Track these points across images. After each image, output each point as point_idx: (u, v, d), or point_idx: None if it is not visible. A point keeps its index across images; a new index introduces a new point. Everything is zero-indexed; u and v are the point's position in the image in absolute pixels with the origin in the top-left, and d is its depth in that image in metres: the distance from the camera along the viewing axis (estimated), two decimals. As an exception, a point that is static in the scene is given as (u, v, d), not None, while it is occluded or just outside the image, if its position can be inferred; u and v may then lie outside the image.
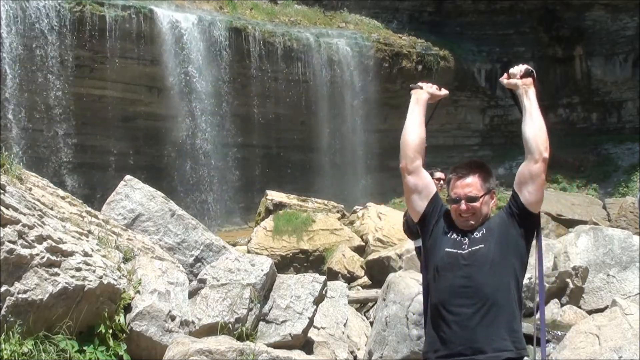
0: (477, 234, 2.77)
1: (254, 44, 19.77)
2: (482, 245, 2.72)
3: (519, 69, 2.83)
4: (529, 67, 2.82)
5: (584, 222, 15.45)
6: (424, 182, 2.92)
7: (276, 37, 20.27)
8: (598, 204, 19.56)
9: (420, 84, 3.06)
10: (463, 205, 2.80)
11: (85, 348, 4.21)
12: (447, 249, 2.77)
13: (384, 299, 6.03)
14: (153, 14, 17.93)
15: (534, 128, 2.69)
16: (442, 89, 3.09)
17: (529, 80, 2.79)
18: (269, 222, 13.15)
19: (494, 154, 23.69)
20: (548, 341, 6.96)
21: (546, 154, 2.67)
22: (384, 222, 13.09)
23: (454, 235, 2.81)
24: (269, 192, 14.69)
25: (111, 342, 4.35)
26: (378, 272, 10.73)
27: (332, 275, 11.06)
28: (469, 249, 2.73)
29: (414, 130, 2.92)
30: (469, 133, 25.27)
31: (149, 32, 17.79)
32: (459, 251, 2.74)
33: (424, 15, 25.33)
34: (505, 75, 2.87)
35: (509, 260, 2.70)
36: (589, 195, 21.28)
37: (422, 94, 3.00)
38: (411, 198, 2.94)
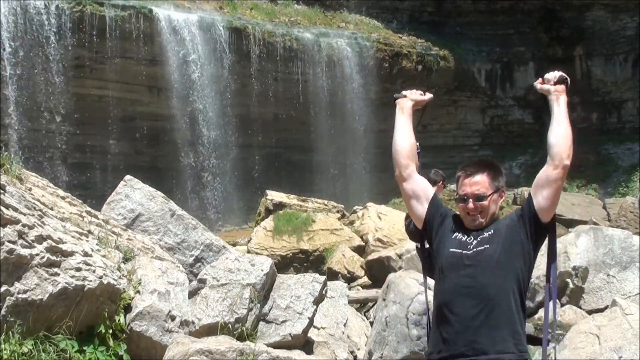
0: (484, 234, 2.76)
1: (254, 44, 19.77)
2: (488, 246, 2.71)
3: (553, 75, 2.83)
4: (563, 75, 2.82)
5: (584, 222, 15.42)
6: (420, 187, 2.93)
7: (276, 37, 20.26)
8: (598, 204, 19.52)
9: (404, 92, 3.06)
10: (470, 204, 2.79)
11: (85, 348, 4.21)
12: (451, 249, 2.77)
13: (384, 299, 6.04)
14: (153, 14, 17.93)
15: (559, 134, 2.71)
16: (427, 93, 3.09)
17: (562, 87, 2.79)
18: (269, 222, 13.14)
19: (494, 154, 23.65)
20: (548, 341, 6.95)
21: (567, 162, 2.67)
22: (384, 222, 13.09)
23: (460, 236, 2.80)
24: (269, 192, 14.68)
25: (111, 342, 4.35)
26: (378, 272, 10.73)
27: (332, 275, 11.06)
28: (475, 249, 2.72)
29: (402, 137, 2.94)
30: (469, 133, 25.24)
31: (149, 32, 17.78)
32: (464, 251, 2.73)
33: (424, 15, 25.31)
34: (540, 79, 2.87)
35: (514, 263, 2.69)
36: (589, 195, 21.25)
37: (406, 103, 3.02)
38: (410, 204, 2.96)
